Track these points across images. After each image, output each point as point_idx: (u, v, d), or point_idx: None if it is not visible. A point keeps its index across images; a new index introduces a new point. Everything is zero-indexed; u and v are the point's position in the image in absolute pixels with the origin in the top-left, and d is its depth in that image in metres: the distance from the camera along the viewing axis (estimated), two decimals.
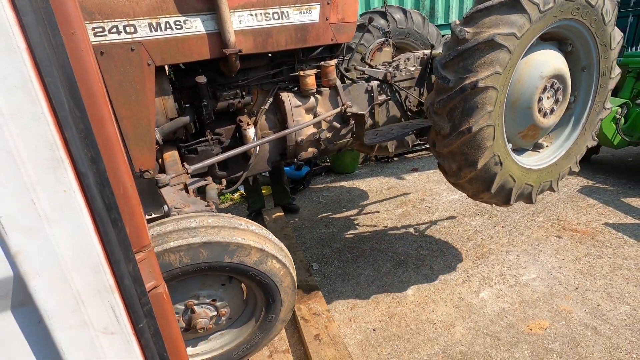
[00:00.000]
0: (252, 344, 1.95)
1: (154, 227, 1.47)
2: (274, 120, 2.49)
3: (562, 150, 2.65)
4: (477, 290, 2.93)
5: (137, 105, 1.88)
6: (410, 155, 6.17)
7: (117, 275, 0.79)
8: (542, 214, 3.96)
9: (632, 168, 5.01)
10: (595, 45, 2.40)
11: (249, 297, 1.93)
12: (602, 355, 2.27)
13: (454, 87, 2.02)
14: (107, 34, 1.72)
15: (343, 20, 2.43)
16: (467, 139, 2.09)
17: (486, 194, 2.34)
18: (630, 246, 3.30)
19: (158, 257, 1.40)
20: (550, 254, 3.28)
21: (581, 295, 2.77)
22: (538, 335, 2.46)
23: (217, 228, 1.53)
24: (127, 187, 0.82)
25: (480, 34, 1.94)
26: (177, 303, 1.67)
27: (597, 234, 3.52)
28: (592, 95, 2.59)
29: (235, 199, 5.12)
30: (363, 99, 2.71)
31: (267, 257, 1.64)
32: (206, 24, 1.95)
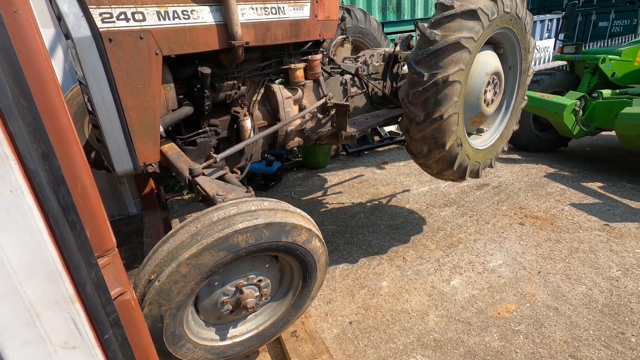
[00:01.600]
0: (285, 321, 2.00)
1: (217, 211, 1.50)
2: (264, 111, 2.58)
3: (497, 133, 3.16)
4: (449, 278, 3.02)
5: (143, 95, 1.82)
6: (380, 149, 6.25)
7: (77, 283, 0.71)
8: (506, 203, 4.15)
9: (589, 156, 5.37)
10: (519, 49, 2.92)
11: (285, 276, 1.97)
12: (563, 334, 2.41)
13: (428, 80, 2.27)
14: (115, 20, 1.65)
15: (328, 17, 2.57)
16: (438, 125, 2.40)
17: (449, 171, 2.72)
18: (585, 230, 3.53)
19: (227, 238, 1.42)
20: (514, 241, 3.45)
21: (543, 279, 2.93)
22: (506, 319, 2.57)
23: (273, 210, 1.60)
24: (86, 185, 0.74)
25: (448, 37, 2.26)
26: (228, 284, 1.70)
27: (556, 220, 3.74)
28: (516, 88, 3.11)
29: None
30: (339, 91, 2.92)
31: (312, 236, 1.74)
32: (213, 15, 1.95)
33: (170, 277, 1.37)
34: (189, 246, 1.39)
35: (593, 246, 3.29)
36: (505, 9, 2.49)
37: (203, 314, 1.76)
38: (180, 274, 1.38)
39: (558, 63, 7.76)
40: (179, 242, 1.42)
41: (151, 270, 1.41)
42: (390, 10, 6.30)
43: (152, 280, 1.39)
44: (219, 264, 1.46)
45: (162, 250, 1.43)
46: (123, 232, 3.29)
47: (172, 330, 1.51)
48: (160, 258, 1.41)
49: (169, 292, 1.40)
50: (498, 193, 4.41)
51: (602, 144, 5.88)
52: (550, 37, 9.20)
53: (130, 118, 1.81)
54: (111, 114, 1.75)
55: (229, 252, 1.45)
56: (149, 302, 1.38)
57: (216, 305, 1.71)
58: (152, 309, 1.40)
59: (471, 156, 2.76)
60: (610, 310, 2.58)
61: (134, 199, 3.58)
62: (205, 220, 1.46)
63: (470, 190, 4.53)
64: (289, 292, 1.99)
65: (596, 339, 2.36)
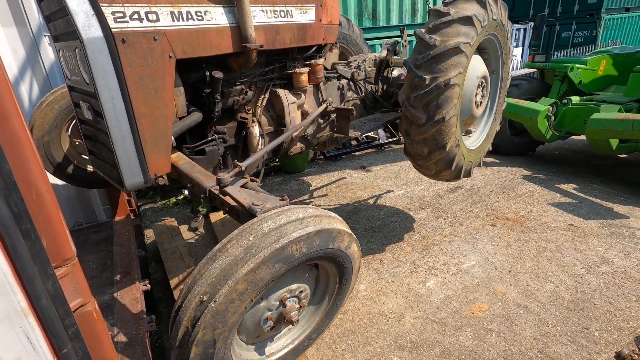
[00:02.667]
0: (319, 332, 1.93)
1: (265, 221, 1.40)
2: (269, 116, 2.53)
3: (484, 134, 3.28)
4: (424, 280, 3.07)
5: (156, 102, 1.70)
6: (358, 153, 6.31)
7: (31, 295, 0.67)
8: (479, 205, 4.28)
9: (555, 159, 5.63)
10: (502, 54, 3.06)
11: (319, 284, 1.90)
12: (533, 331, 2.50)
13: (430, 84, 2.32)
14: (128, 20, 1.53)
15: (331, 22, 2.59)
16: (439, 127, 2.46)
17: (447, 171, 2.77)
18: (552, 230, 3.68)
19: (283, 249, 1.33)
20: (486, 242, 3.55)
21: (514, 278, 3.03)
22: (479, 318, 2.64)
23: (318, 217, 1.55)
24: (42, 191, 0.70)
25: (447, 41, 2.32)
26: (272, 299, 1.61)
27: (525, 221, 3.88)
28: (498, 91, 3.26)
29: (180, 202, 4.83)
30: (336, 96, 2.94)
31: (352, 241, 1.70)
32: (226, 17, 1.88)
33: (227, 297, 1.26)
34: (245, 261, 1.29)
35: (559, 245, 3.44)
36: (493, 16, 2.59)
37: (244, 333, 1.65)
38: (237, 292, 1.28)
39: (527, 70, 8.13)
40: (232, 257, 1.31)
41: (203, 290, 1.27)
42: (366, 16, 6.40)
43: (204, 301, 1.26)
44: (274, 278, 1.37)
45: (213, 268, 1.31)
46: (91, 240, 3.15)
47: (221, 355, 1.39)
48: (214, 276, 1.28)
49: (225, 313, 1.28)
50: (471, 195, 4.54)
51: (568, 148, 6.18)
52: (518, 45, 9.63)
53: (142, 126, 1.68)
54: (122, 123, 1.62)
55: (284, 264, 1.37)
56: (204, 327, 1.25)
57: (259, 322, 1.60)
58: (205, 333, 1.27)
59: (465, 156, 2.84)
60: (575, 306, 2.70)
61: (103, 206, 3.43)
62: (257, 231, 1.36)
63: (445, 193, 4.65)
64: (323, 300, 1.91)
65: (563, 335, 2.45)
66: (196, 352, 1.29)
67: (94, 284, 2.52)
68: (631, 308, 2.65)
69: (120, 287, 2.45)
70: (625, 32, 10.89)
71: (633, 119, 3.96)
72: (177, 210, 4.64)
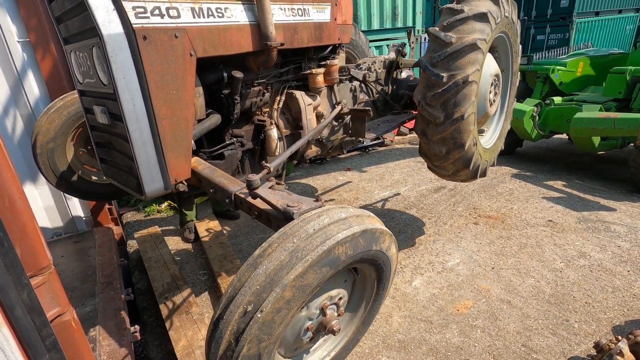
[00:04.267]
0: (355, 341, 1.81)
1: (308, 222, 1.31)
2: (284, 119, 2.46)
3: (497, 132, 3.24)
4: (410, 279, 3.11)
5: (177, 102, 1.62)
6: (342, 156, 6.34)
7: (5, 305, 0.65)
8: (462, 204, 4.36)
9: (534, 157, 5.80)
10: (511, 52, 3.03)
11: (355, 291, 1.77)
12: (516, 325, 2.56)
13: (447, 81, 2.29)
14: (149, 15, 1.46)
15: (345, 22, 2.57)
16: (458, 126, 2.40)
17: (465, 171, 2.71)
18: (532, 227, 3.79)
19: (330, 251, 1.22)
20: (470, 240, 3.62)
21: (497, 274, 3.10)
22: (464, 315, 2.68)
23: (360, 217, 1.45)
24: (15, 199, 0.69)
25: (463, 39, 2.28)
26: (313, 307, 1.50)
27: (506, 219, 3.98)
28: (509, 90, 3.23)
29: (163, 209, 4.75)
30: (349, 97, 2.92)
31: (392, 242, 1.61)
32: (246, 14, 1.82)
33: (275, 306, 1.16)
34: (292, 265, 1.19)
35: (539, 241, 3.53)
36: (505, 13, 2.57)
37: (283, 346, 1.53)
38: (284, 300, 1.18)
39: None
40: (276, 262, 1.20)
41: (247, 300, 1.16)
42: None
43: (249, 311, 1.16)
44: (321, 283, 1.27)
45: (257, 274, 1.20)
46: (71, 250, 3.06)
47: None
48: (258, 284, 1.17)
49: (272, 324, 1.18)
50: (454, 195, 4.62)
51: (546, 147, 6.38)
52: None
53: (162, 129, 1.59)
54: (143, 125, 1.53)
55: (331, 267, 1.27)
56: (249, 340, 1.15)
57: (299, 333, 1.49)
58: (251, 347, 1.17)
59: (482, 155, 2.80)
60: (555, 299, 2.78)
61: (83, 215, 3.35)
62: (301, 233, 1.26)
63: (429, 193, 4.72)
64: (360, 307, 1.78)
65: (545, 328, 2.52)
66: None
67: (75, 295, 2.45)
68: (608, 299, 2.74)
69: (102, 297, 2.39)
70: (596, 35, 11.35)
71: (614, 117, 4.16)
72: (161, 218, 4.57)
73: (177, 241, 3.97)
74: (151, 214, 4.66)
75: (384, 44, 6.80)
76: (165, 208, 4.77)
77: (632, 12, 12.10)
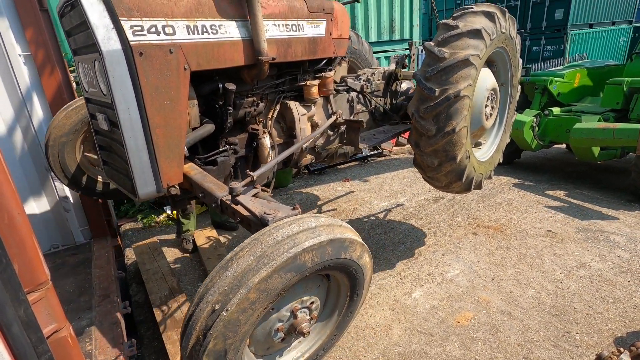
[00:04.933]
0: (329, 345, 1.89)
1: (278, 230, 1.40)
2: (279, 128, 2.56)
3: (494, 146, 3.28)
4: (410, 291, 3.09)
5: (171, 112, 1.74)
6: (341, 167, 6.36)
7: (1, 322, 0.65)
8: (461, 215, 4.36)
9: (532, 167, 5.82)
10: (510, 67, 3.08)
11: (330, 296, 1.86)
12: (517, 337, 2.53)
13: (440, 95, 2.35)
14: (146, 33, 1.59)
15: (341, 36, 2.64)
16: (450, 139, 2.46)
17: (458, 183, 2.75)
18: (531, 237, 3.78)
19: (295, 258, 1.32)
20: (469, 250, 3.61)
21: (497, 285, 3.09)
22: (465, 327, 2.66)
23: (330, 226, 1.53)
24: (14, 215, 0.69)
25: (456, 54, 2.35)
26: (283, 309, 1.59)
27: (505, 229, 3.98)
28: (508, 104, 3.27)
29: (161, 220, 4.74)
30: (345, 108, 2.98)
31: (364, 251, 1.67)
32: (239, 31, 1.94)
33: (239, 306, 1.26)
34: (258, 269, 1.29)
35: (539, 251, 3.53)
36: (502, 29, 2.63)
37: (254, 345, 1.64)
38: (249, 301, 1.28)
39: None
40: (244, 266, 1.31)
41: (215, 299, 1.27)
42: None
43: (217, 310, 1.26)
44: (286, 287, 1.37)
45: (225, 276, 1.31)
46: (68, 263, 3.04)
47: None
48: (226, 285, 1.28)
49: (237, 323, 1.28)
50: (453, 205, 4.63)
51: (543, 156, 6.41)
52: None
53: (156, 136, 1.72)
54: (137, 132, 1.66)
55: (296, 273, 1.37)
56: (215, 336, 1.25)
57: (270, 333, 1.59)
58: (217, 343, 1.27)
59: (476, 168, 2.84)
60: (556, 311, 2.76)
61: (81, 227, 3.33)
62: (269, 240, 1.37)
63: (428, 203, 4.72)
64: (334, 312, 1.88)
65: (546, 340, 2.50)
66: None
67: (71, 308, 2.43)
68: (609, 310, 2.73)
69: (99, 311, 2.37)
70: (590, 46, 11.53)
71: (613, 127, 4.22)
72: (159, 230, 4.55)
73: (175, 252, 3.94)
74: (149, 225, 4.64)
75: (381, 55, 6.89)
76: (163, 219, 4.76)
77: (625, 24, 12.32)
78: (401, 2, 6.97)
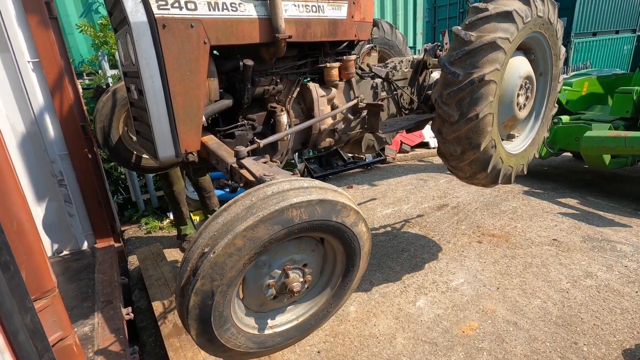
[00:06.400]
0: (325, 313, 1.92)
1: (270, 186, 1.47)
2: (298, 109, 2.62)
3: (529, 139, 3.11)
4: (414, 299, 3.06)
5: (190, 82, 1.89)
6: (345, 173, 6.36)
7: (8, 331, 0.64)
8: (465, 222, 4.33)
9: (536, 175, 5.79)
10: (550, 55, 2.91)
11: (327, 264, 1.90)
12: (523, 348, 2.50)
13: (463, 80, 2.28)
14: (169, 7, 1.75)
15: (364, 19, 2.66)
16: (473, 125, 2.37)
17: (482, 173, 2.64)
18: (537, 246, 3.75)
19: (282, 212, 1.39)
20: (474, 259, 3.58)
21: (502, 294, 3.05)
22: (470, 337, 2.62)
23: (323, 189, 1.58)
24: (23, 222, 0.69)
25: (483, 37, 2.27)
26: (275, 267, 1.65)
27: (510, 237, 3.94)
28: (547, 95, 3.10)
29: (164, 226, 4.74)
30: (369, 95, 2.97)
31: (359, 219, 1.69)
32: (258, 9, 2.06)
33: (226, 250, 1.34)
34: (245, 218, 1.38)
35: (544, 260, 3.49)
36: (538, 12, 2.50)
37: (247, 298, 1.71)
38: (235, 247, 1.36)
39: None
40: (233, 214, 1.40)
41: (205, 242, 1.38)
42: None
43: (206, 252, 1.36)
44: (273, 239, 1.44)
45: (216, 223, 1.41)
46: (72, 268, 3.04)
47: (220, 310, 1.47)
48: (215, 230, 1.39)
49: (223, 266, 1.37)
50: (457, 213, 4.60)
51: (548, 164, 6.38)
52: None
53: (176, 104, 1.86)
54: (159, 99, 1.82)
55: (283, 227, 1.43)
56: (202, 276, 1.34)
57: (261, 288, 1.66)
58: (204, 283, 1.36)
59: (504, 160, 2.70)
60: (563, 321, 2.72)
61: (85, 232, 3.33)
62: (260, 194, 1.45)
63: (432, 211, 4.70)
64: (331, 280, 1.92)
65: (553, 351, 2.46)
66: (195, 301, 1.37)
67: (74, 314, 2.42)
68: (617, 321, 2.68)
69: (101, 317, 2.36)
70: (594, 55, 11.53)
71: (625, 136, 4.21)
72: (162, 236, 4.55)
73: (179, 258, 3.94)
74: (153, 230, 4.65)
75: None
76: (167, 225, 4.77)
77: (629, 33, 12.32)
78: (405, 10, 7.02)
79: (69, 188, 3.20)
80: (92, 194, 3.30)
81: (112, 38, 4.58)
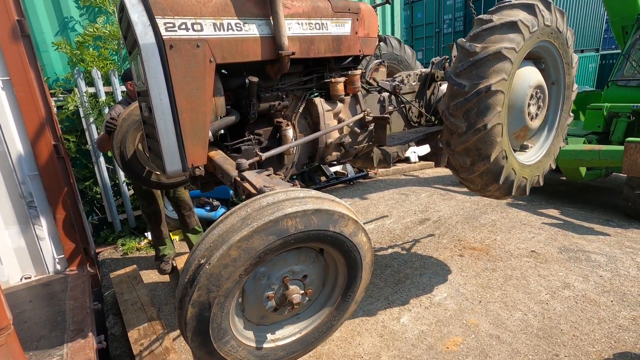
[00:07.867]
0: (329, 326, 1.89)
1: (265, 197, 1.48)
2: (305, 123, 2.64)
3: (544, 149, 3.06)
4: (398, 316, 3.04)
5: (196, 100, 1.94)
6: (328, 189, 6.37)
7: None
8: (446, 236, 4.38)
9: None
10: (562, 64, 2.90)
11: (329, 276, 1.86)
12: None
13: (470, 91, 2.29)
14: (176, 29, 1.82)
15: (368, 35, 2.71)
16: (482, 136, 2.35)
17: (494, 185, 2.60)
18: (516, 258, 3.82)
19: (277, 222, 1.39)
20: (456, 273, 3.61)
21: (484, 308, 3.07)
22: (454, 353, 2.61)
23: (320, 199, 1.57)
24: None
25: (488, 48, 2.28)
26: (274, 278, 1.63)
27: (490, 250, 4.01)
28: (560, 104, 3.08)
29: (142, 247, 4.59)
30: (376, 108, 2.99)
31: (359, 229, 1.68)
32: (261, 28, 2.13)
33: (221, 261, 1.35)
34: (240, 229, 1.38)
35: (524, 272, 3.55)
36: (545, 22, 2.49)
37: (247, 310, 1.68)
38: (230, 258, 1.36)
39: None
40: (229, 225, 1.41)
41: (201, 254, 1.39)
42: None
43: (202, 264, 1.37)
44: (268, 249, 1.43)
45: (212, 234, 1.42)
46: (41, 295, 2.88)
47: (218, 322, 1.45)
48: (211, 242, 1.40)
49: (219, 277, 1.36)
50: (438, 227, 4.65)
51: None
52: None
53: (183, 120, 1.92)
54: (167, 115, 1.88)
55: (279, 237, 1.42)
56: (199, 287, 1.35)
57: (261, 300, 1.64)
58: (200, 294, 1.35)
59: (517, 171, 2.65)
60: (544, 333, 2.75)
61: (56, 256, 3.18)
62: (255, 205, 1.46)
63: (414, 225, 4.74)
64: (333, 293, 1.89)
65: None
66: (192, 313, 1.37)
67: (42, 345, 2.28)
68: (595, 331, 2.73)
69: (71, 347, 2.23)
70: None
71: (599, 149, 4.43)
72: (139, 256, 4.39)
73: (156, 278, 3.80)
74: (130, 252, 4.49)
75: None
76: (144, 245, 4.61)
77: (593, 52, 13.08)
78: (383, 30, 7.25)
79: (39, 210, 3.07)
80: (64, 216, 3.17)
81: (88, 56, 4.50)
